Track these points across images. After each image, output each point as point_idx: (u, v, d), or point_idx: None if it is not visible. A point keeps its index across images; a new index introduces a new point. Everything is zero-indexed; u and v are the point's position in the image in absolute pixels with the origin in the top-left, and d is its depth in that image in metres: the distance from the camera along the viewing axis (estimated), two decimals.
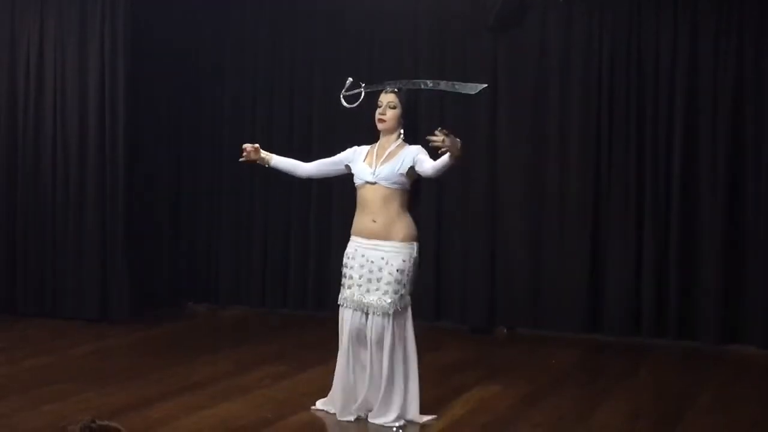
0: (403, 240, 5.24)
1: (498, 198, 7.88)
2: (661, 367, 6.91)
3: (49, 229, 8.10)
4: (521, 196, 7.83)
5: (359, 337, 5.33)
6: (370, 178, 5.28)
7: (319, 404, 5.58)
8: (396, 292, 5.21)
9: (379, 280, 5.22)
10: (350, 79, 5.73)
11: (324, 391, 5.78)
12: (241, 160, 5.68)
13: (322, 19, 8.41)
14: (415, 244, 5.29)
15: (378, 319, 5.22)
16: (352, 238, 5.37)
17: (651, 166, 7.48)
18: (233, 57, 8.69)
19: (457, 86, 5.85)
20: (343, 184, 8.26)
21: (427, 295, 8.12)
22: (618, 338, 7.55)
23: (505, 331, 7.87)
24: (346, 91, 5.69)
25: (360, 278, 5.25)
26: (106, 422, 2.93)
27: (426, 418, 5.36)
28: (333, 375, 5.53)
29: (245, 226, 8.71)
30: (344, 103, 5.68)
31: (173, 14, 8.59)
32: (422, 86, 5.90)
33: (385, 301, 5.20)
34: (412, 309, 5.34)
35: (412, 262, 5.26)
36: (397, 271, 5.21)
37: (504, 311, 7.89)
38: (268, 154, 5.63)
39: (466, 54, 7.92)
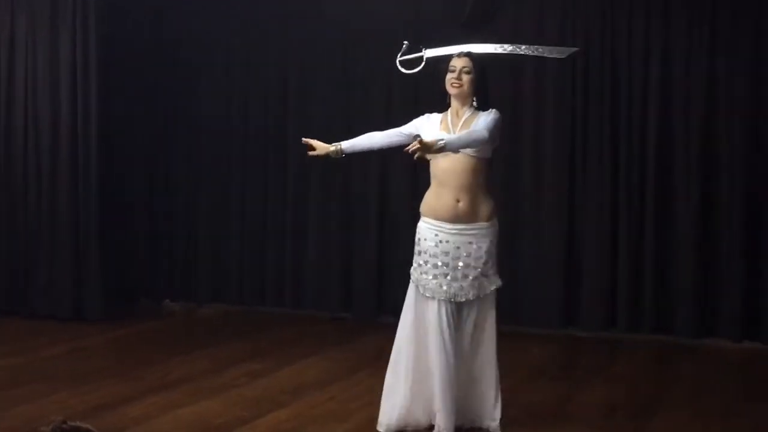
0: (488, 219, 4.87)
1: None
2: (637, 361, 6.94)
3: (21, 228, 8.04)
4: (499, 195, 7.81)
5: (451, 329, 4.82)
6: None
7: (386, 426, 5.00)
8: (486, 276, 4.86)
9: (467, 266, 4.81)
10: (406, 42, 5.35)
11: (303, 387, 5.80)
12: (311, 154, 5.21)
13: (297, 15, 8.38)
14: (497, 219, 4.95)
15: (474, 306, 4.87)
16: (430, 221, 4.90)
17: (625, 164, 7.51)
18: (209, 49, 8.65)
19: (542, 50, 5.47)
20: (322, 179, 8.33)
21: (403, 291, 8.11)
22: (594, 333, 7.58)
23: None
24: (402, 56, 5.30)
25: (446, 266, 4.81)
26: (77, 423, 2.92)
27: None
28: (386, 384, 5.07)
29: (222, 223, 8.69)
30: (401, 69, 5.28)
31: (146, 4, 8.53)
32: (500, 50, 5.44)
33: (479, 287, 4.84)
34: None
35: (497, 239, 4.93)
36: (486, 252, 4.84)
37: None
38: (337, 145, 5.14)
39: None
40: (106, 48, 8.01)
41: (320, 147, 5.17)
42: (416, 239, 4.98)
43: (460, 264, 4.83)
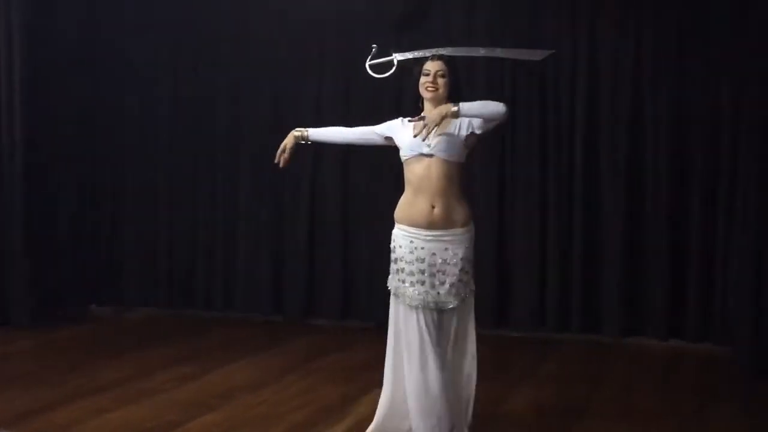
0: (464, 225, 4.76)
1: None
2: (566, 361, 7.01)
3: None
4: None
5: (432, 338, 4.71)
6: (425, 150, 4.68)
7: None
8: (464, 282, 4.76)
9: (444, 272, 4.71)
10: (375, 46, 5.31)
11: (233, 390, 5.75)
12: (281, 165, 5.14)
13: (225, 18, 8.33)
14: (473, 224, 4.83)
15: (454, 313, 4.76)
16: (403, 227, 4.79)
17: (554, 163, 7.59)
18: (136, 52, 8.56)
19: (516, 53, 5.43)
20: (251, 180, 8.28)
21: (335, 293, 8.13)
22: (524, 333, 7.64)
23: None
24: (372, 60, 5.24)
25: (423, 273, 4.71)
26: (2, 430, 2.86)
27: None
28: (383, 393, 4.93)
29: (150, 226, 8.60)
30: (371, 73, 5.23)
31: (75, 8, 8.41)
32: (474, 54, 5.44)
33: (456, 294, 4.73)
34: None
35: (473, 244, 4.82)
36: (462, 259, 4.73)
37: None
38: (303, 131, 5.10)
39: (370, 53, 7.91)
40: (32, 49, 7.86)
41: (285, 143, 5.12)
42: (391, 247, 4.88)
43: (437, 271, 4.73)
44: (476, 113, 4.63)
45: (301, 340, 7.55)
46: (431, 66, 4.79)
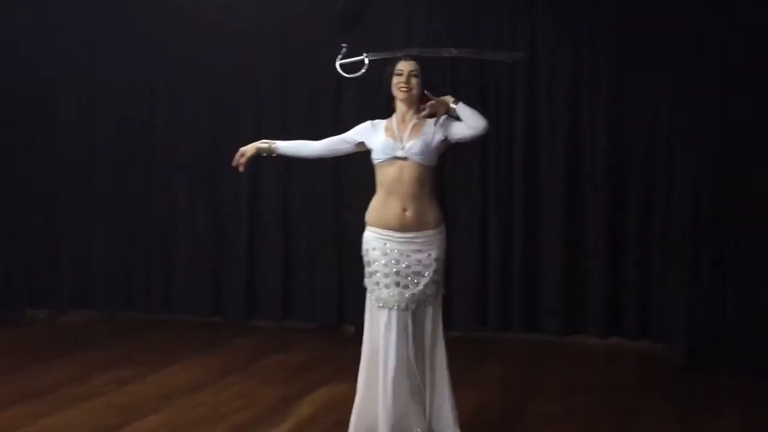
0: (435, 227, 4.78)
1: (344, 196, 7.89)
2: (507, 360, 7.04)
3: None
4: (367, 193, 7.82)
5: (406, 339, 4.72)
6: (400, 153, 4.70)
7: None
8: (437, 283, 4.79)
9: (417, 273, 4.73)
10: (345, 45, 5.26)
11: (173, 393, 5.70)
12: (241, 164, 5.01)
13: (161, 17, 8.22)
14: (444, 226, 4.85)
15: (427, 313, 4.78)
16: (375, 230, 4.78)
17: (494, 161, 7.62)
18: (72, 52, 8.43)
19: (488, 55, 5.46)
20: (190, 180, 8.20)
21: (275, 294, 8.08)
22: (465, 333, 7.66)
23: (353, 329, 7.87)
24: (342, 59, 5.18)
25: (397, 275, 4.72)
26: None
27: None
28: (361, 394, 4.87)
29: (86, 227, 8.47)
30: (341, 72, 5.17)
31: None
32: (445, 54, 5.42)
33: (429, 294, 4.76)
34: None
35: (445, 245, 4.85)
36: (435, 260, 4.76)
37: (351, 309, 7.91)
38: (270, 143, 4.99)
39: (309, 53, 7.91)
40: None
41: (247, 150, 5.00)
42: (363, 250, 4.86)
43: (411, 272, 4.73)
44: (466, 116, 4.69)
45: (241, 342, 7.50)
46: (404, 66, 4.78)
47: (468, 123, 4.70)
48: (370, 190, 7.70)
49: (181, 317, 8.28)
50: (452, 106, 4.67)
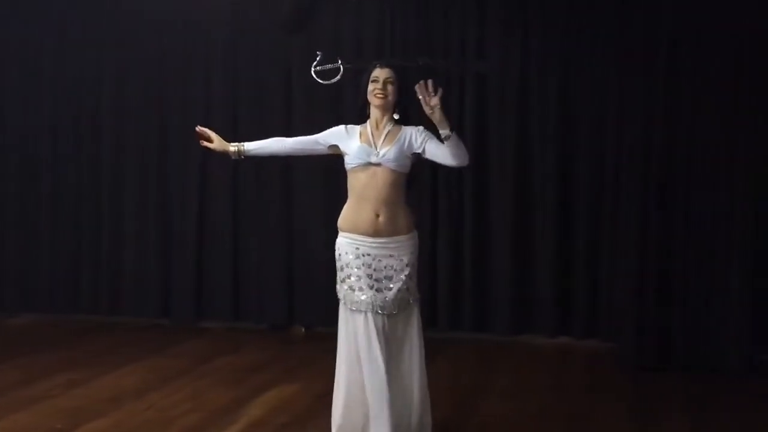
0: (408, 231, 4.86)
1: (294, 198, 7.86)
2: (457, 360, 7.07)
3: None
4: (318, 195, 7.83)
5: (381, 342, 4.74)
6: (374, 159, 4.75)
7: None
8: (410, 288, 4.87)
9: (390, 278, 4.79)
10: (320, 52, 5.35)
11: (121, 396, 5.65)
12: (205, 144, 4.98)
13: (108, 19, 8.15)
14: (415, 231, 4.95)
15: (403, 318, 4.85)
16: (348, 235, 4.80)
17: (443, 167, 7.63)
18: (15, 45, 8.32)
19: (455, 64, 5.55)
20: (138, 180, 8.12)
21: (225, 295, 8.03)
22: None
23: (303, 330, 7.86)
24: (317, 66, 5.27)
25: (370, 278, 4.76)
26: None
27: None
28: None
29: (31, 228, 8.35)
30: (317, 79, 5.24)
31: None
32: (420, 63, 5.57)
33: (403, 299, 4.82)
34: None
35: (417, 250, 4.94)
36: (407, 265, 4.84)
37: (301, 310, 7.89)
38: (238, 145, 4.95)
39: (260, 53, 7.88)
40: None
41: (218, 141, 4.98)
42: (336, 255, 4.87)
43: (384, 277, 4.78)
44: (454, 146, 4.73)
45: (191, 343, 7.44)
46: (380, 73, 4.82)
47: (453, 153, 4.74)
48: (319, 191, 7.77)
49: (130, 320, 8.19)
50: (447, 132, 4.68)
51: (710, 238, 6.62)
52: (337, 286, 4.86)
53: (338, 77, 5.29)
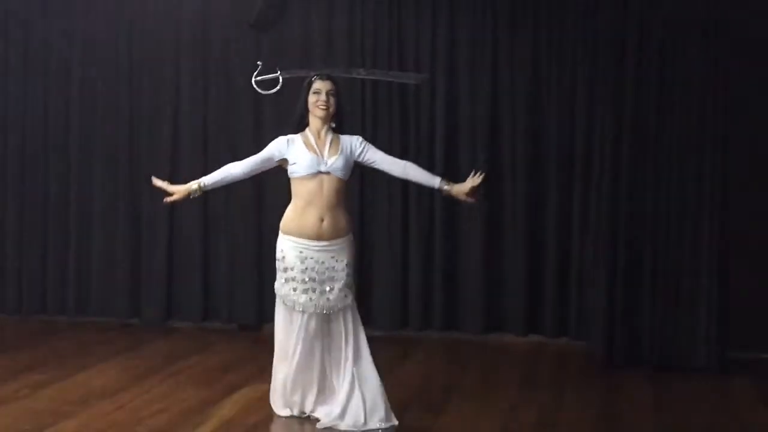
0: (346, 234, 5.18)
1: (264, 196, 7.82)
2: (428, 359, 7.08)
3: None
4: (287, 194, 7.78)
5: (315, 341, 5.17)
6: (323, 168, 5.08)
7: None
8: (349, 286, 5.17)
9: (332, 279, 5.11)
10: (260, 63, 5.51)
11: (90, 397, 5.65)
12: (168, 200, 5.28)
13: (76, 16, 8.08)
14: (352, 233, 5.27)
15: (343, 316, 5.15)
16: (292, 238, 5.12)
17: (414, 159, 7.63)
18: None
19: (393, 75, 5.86)
20: (106, 179, 8.05)
21: (195, 295, 7.99)
22: (386, 333, 7.66)
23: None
24: (257, 76, 5.41)
25: (314, 281, 5.09)
26: None
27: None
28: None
29: None
30: (258, 89, 5.40)
31: None
32: (354, 75, 5.81)
33: (344, 297, 5.13)
34: None
35: (355, 251, 5.26)
36: (347, 265, 5.15)
37: (271, 309, 7.83)
38: (194, 183, 5.21)
39: (229, 52, 7.84)
40: None
41: (178, 190, 5.22)
42: (279, 256, 5.18)
43: (326, 278, 5.09)
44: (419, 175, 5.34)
45: (160, 344, 7.39)
46: (322, 85, 5.13)
47: (408, 173, 5.27)
48: (288, 192, 7.70)
49: (98, 319, 8.12)
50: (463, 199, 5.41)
51: (679, 236, 6.66)
52: (277, 284, 5.19)
53: (278, 87, 5.48)
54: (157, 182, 5.26)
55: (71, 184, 8.13)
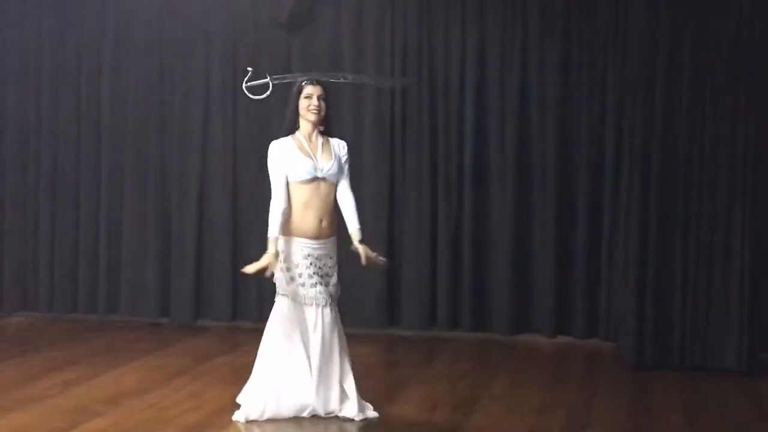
0: (335, 233, 5.44)
1: None
2: (457, 358, 7.07)
3: None
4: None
5: (306, 332, 5.37)
6: (320, 174, 5.31)
7: (244, 416, 5.33)
8: (337, 281, 5.46)
9: (328, 274, 5.40)
10: (250, 69, 5.65)
11: (121, 395, 5.66)
12: (267, 274, 5.36)
13: (109, 19, 8.14)
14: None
15: (331, 310, 5.37)
16: (298, 240, 5.31)
17: (443, 163, 7.65)
18: (16, 44, 8.31)
19: (379, 80, 6.03)
20: (137, 181, 8.11)
21: (224, 295, 8.02)
22: (415, 332, 7.67)
23: None
24: (247, 82, 5.54)
25: (318, 275, 5.34)
26: None
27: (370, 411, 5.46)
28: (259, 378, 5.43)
29: (31, 228, 8.34)
30: (248, 94, 5.52)
31: None
32: (342, 79, 5.94)
33: (338, 289, 5.45)
34: None
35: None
36: (337, 261, 5.47)
37: None
38: (272, 247, 5.28)
39: (260, 52, 7.87)
40: None
41: (270, 263, 5.30)
42: (282, 257, 5.33)
43: (324, 273, 5.37)
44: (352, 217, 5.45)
45: (189, 343, 7.43)
46: (313, 90, 5.32)
47: (343, 203, 5.42)
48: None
49: (128, 319, 8.18)
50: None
51: (710, 238, 6.61)
52: (282, 286, 5.35)
53: (268, 92, 5.58)
54: (249, 269, 5.40)
55: (102, 186, 8.19)
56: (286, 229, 5.30)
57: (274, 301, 5.10)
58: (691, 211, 6.64)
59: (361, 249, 5.37)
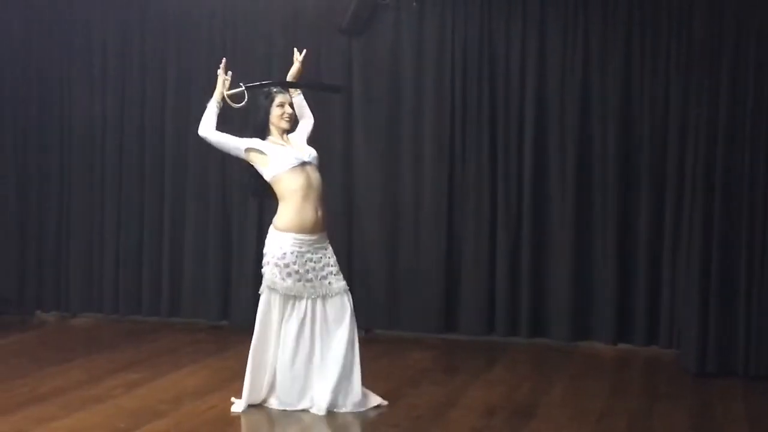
0: (327, 226, 5.56)
1: (354, 200, 7.90)
2: (515, 365, 7.04)
3: None
4: (377, 197, 7.87)
5: (304, 324, 5.46)
6: (307, 158, 5.44)
7: (242, 405, 5.53)
8: (335, 274, 5.52)
9: (324, 267, 5.47)
10: (229, 73, 5.72)
11: (182, 397, 5.74)
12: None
13: (172, 21, 8.25)
14: None
15: (337, 301, 5.48)
16: (295, 235, 5.41)
17: (503, 168, 7.62)
18: (77, 59, 8.45)
19: (319, 86, 6.40)
20: (199, 182, 8.19)
21: None
22: (473, 338, 7.66)
23: (363, 333, 7.86)
24: (227, 90, 5.64)
25: (308, 272, 5.44)
26: None
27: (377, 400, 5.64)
28: (247, 371, 5.60)
29: (96, 231, 8.47)
30: (230, 104, 5.60)
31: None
32: (297, 92, 5.88)
33: (340, 279, 5.51)
34: None
35: None
36: (332, 254, 5.56)
37: (361, 313, 7.88)
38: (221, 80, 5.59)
39: (320, 57, 7.90)
40: None
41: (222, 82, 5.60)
42: (278, 254, 5.45)
43: (322, 265, 5.46)
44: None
45: (249, 345, 7.45)
46: (285, 98, 5.55)
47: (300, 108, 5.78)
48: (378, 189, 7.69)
49: (189, 321, 8.28)
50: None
51: None
52: (275, 281, 5.45)
53: (246, 100, 5.60)
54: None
55: (165, 186, 8.29)
56: (285, 225, 5.39)
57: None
58: (755, 218, 6.54)
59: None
